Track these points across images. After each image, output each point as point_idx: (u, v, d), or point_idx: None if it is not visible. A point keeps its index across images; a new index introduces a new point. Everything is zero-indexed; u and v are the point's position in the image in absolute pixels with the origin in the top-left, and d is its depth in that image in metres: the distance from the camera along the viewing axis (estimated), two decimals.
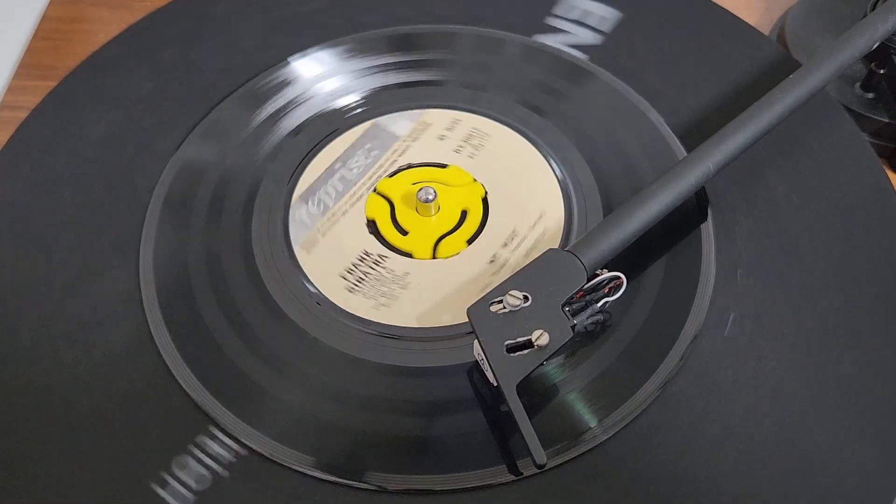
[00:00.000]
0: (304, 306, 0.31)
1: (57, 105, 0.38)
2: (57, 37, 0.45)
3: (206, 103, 0.38)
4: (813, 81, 0.32)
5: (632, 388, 0.28)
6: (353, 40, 0.40)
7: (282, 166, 0.35)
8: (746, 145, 0.31)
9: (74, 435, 0.28)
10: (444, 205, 0.34)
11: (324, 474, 0.27)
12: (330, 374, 0.29)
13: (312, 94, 0.38)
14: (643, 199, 0.29)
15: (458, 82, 0.38)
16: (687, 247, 0.32)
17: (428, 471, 0.27)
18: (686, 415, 0.28)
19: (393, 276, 0.32)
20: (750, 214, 0.33)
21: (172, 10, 0.42)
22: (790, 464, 0.27)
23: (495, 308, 0.27)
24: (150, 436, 0.28)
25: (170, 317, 0.31)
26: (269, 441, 0.27)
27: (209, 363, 0.29)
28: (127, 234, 0.33)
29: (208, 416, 0.28)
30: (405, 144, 0.36)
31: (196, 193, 0.34)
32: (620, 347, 0.29)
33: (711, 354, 0.29)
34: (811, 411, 0.28)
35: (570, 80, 0.38)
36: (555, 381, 0.29)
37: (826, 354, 0.29)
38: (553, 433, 0.27)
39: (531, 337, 0.26)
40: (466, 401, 0.28)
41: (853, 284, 0.31)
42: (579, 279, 0.28)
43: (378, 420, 0.28)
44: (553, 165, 0.35)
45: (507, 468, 0.27)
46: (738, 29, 0.40)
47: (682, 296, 0.31)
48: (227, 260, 0.32)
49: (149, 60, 0.40)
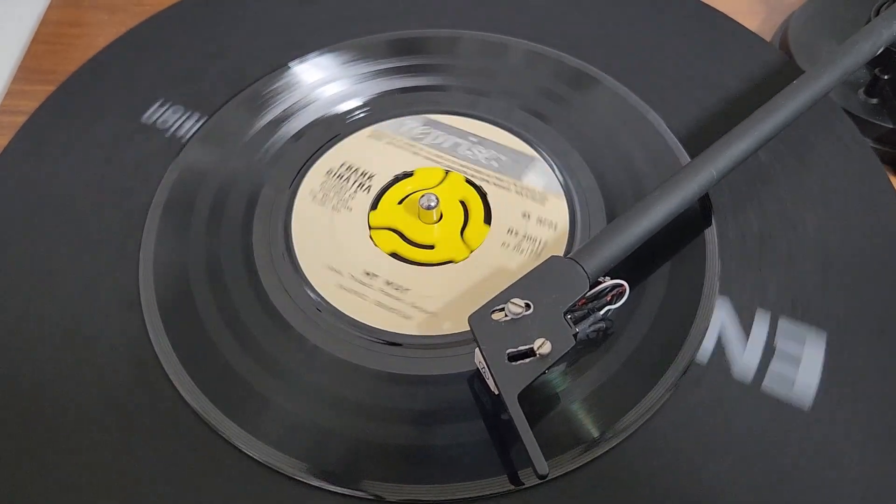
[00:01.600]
0: (304, 312, 0.31)
1: (56, 109, 0.38)
2: (56, 41, 0.45)
3: (207, 108, 0.38)
4: (816, 87, 0.32)
5: (635, 398, 0.28)
6: (353, 45, 0.40)
7: (283, 171, 0.35)
8: (750, 151, 0.31)
9: (71, 439, 0.28)
10: (441, 205, 0.34)
11: (322, 482, 0.27)
12: (329, 381, 0.29)
13: (313, 98, 0.38)
14: (646, 206, 0.29)
15: (460, 87, 0.38)
16: (691, 253, 0.32)
17: (427, 480, 0.27)
18: (690, 424, 0.28)
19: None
20: (754, 221, 0.33)
21: (172, 15, 0.42)
22: (795, 472, 0.27)
23: (497, 316, 0.27)
24: (146, 440, 0.28)
25: (169, 321, 0.30)
26: (266, 448, 0.27)
27: (208, 368, 0.29)
28: (127, 239, 0.33)
29: (206, 423, 0.28)
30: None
31: (196, 198, 0.34)
32: (623, 356, 0.29)
33: (716, 362, 0.29)
34: (818, 418, 0.28)
35: (573, 86, 0.38)
36: (557, 390, 0.28)
37: (832, 360, 0.29)
38: (555, 443, 0.27)
39: (533, 345, 0.26)
40: (467, 410, 0.28)
41: (857, 289, 0.31)
42: (582, 287, 0.28)
43: (377, 428, 0.28)
44: (556, 171, 0.35)
45: (507, 478, 0.26)
46: (741, 35, 0.40)
47: (685, 303, 0.30)
48: (228, 265, 0.32)
49: (149, 64, 0.40)
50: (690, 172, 0.30)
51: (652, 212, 0.29)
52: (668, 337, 0.30)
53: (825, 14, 0.42)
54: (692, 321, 0.30)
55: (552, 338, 0.26)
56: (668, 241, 0.32)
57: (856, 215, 0.33)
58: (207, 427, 0.28)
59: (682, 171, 0.30)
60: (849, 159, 0.35)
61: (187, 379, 0.29)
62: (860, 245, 0.32)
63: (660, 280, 0.31)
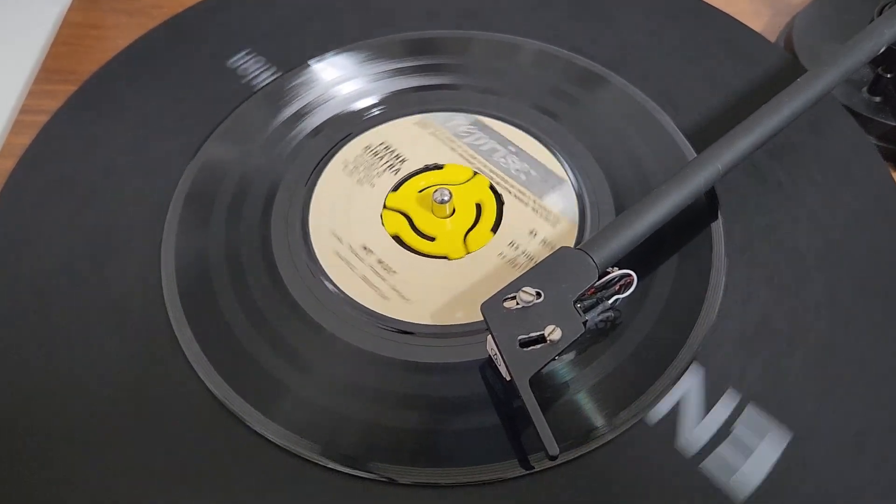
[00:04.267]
0: (321, 303, 0.31)
1: (78, 108, 0.39)
2: (77, 42, 0.46)
3: (227, 105, 0.38)
4: (820, 85, 0.33)
5: (642, 386, 0.29)
6: (370, 45, 0.41)
7: (301, 166, 0.36)
8: (755, 147, 0.32)
9: (92, 427, 0.28)
10: (456, 203, 0.34)
11: (336, 465, 0.27)
12: (345, 369, 0.30)
13: (331, 96, 0.39)
14: (654, 199, 0.30)
15: (472, 87, 0.39)
16: (698, 246, 0.33)
17: (437, 464, 0.27)
18: (697, 414, 0.28)
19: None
20: (759, 214, 0.34)
21: (190, 17, 0.43)
22: (800, 464, 0.27)
23: (509, 304, 0.28)
24: (168, 426, 0.28)
25: (190, 312, 0.31)
26: (283, 431, 0.28)
27: (228, 357, 0.30)
28: (148, 232, 0.34)
29: (226, 408, 0.29)
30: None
31: (217, 193, 0.35)
32: (631, 346, 0.30)
33: (722, 353, 0.30)
34: (824, 410, 0.28)
35: (583, 85, 0.39)
36: (566, 379, 0.29)
37: (839, 354, 0.30)
38: (564, 430, 0.27)
39: (544, 332, 0.27)
40: (478, 396, 0.29)
41: (862, 284, 0.31)
42: (591, 276, 0.28)
43: (390, 414, 0.28)
44: (566, 167, 0.36)
45: (518, 462, 0.27)
46: (747, 36, 0.41)
47: (692, 294, 0.31)
48: (247, 258, 0.33)
49: (169, 64, 0.41)
50: (697, 167, 0.31)
51: (659, 204, 0.30)
52: (676, 327, 0.30)
53: (829, 15, 0.42)
54: (699, 312, 0.30)
55: (562, 325, 0.27)
56: (675, 234, 0.33)
57: (859, 211, 0.33)
58: (226, 411, 0.28)
59: (688, 166, 0.31)
60: (852, 156, 0.35)
61: (208, 366, 0.30)
62: (863, 240, 0.32)
63: (667, 271, 0.32)
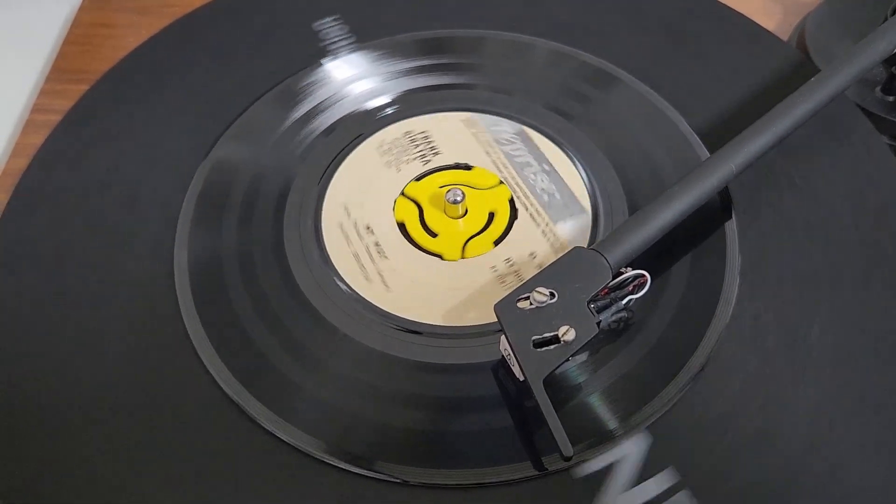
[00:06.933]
0: (333, 303, 0.31)
1: (89, 108, 0.39)
2: (87, 41, 0.46)
3: (239, 104, 0.38)
4: (833, 85, 0.33)
5: (656, 388, 0.29)
6: (384, 43, 0.40)
7: (313, 165, 0.36)
8: (768, 147, 0.31)
9: (104, 423, 0.29)
10: (471, 206, 0.34)
11: (347, 465, 0.27)
12: (357, 369, 0.30)
13: (344, 95, 0.39)
14: (667, 199, 0.30)
15: (485, 86, 0.39)
16: (711, 246, 0.32)
17: (449, 465, 0.27)
18: (710, 416, 0.28)
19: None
20: (773, 215, 0.34)
21: (201, 16, 0.43)
22: (816, 467, 0.27)
23: (522, 304, 0.28)
24: (180, 425, 0.29)
25: (203, 311, 0.31)
26: (295, 430, 0.28)
27: (241, 356, 0.30)
28: (161, 232, 0.34)
29: (238, 407, 0.29)
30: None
31: (229, 192, 0.35)
32: (645, 347, 0.30)
33: (736, 354, 0.30)
34: (838, 414, 0.28)
35: (596, 85, 0.39)
36: (579, 381, 0.29)
37: (853, 357, 0.29)
38: (577, 432, 0.27)
39: (558, 332, 0.27)
40: (490, 397, 0.29)
41: (874, 284, 0.31)
42: (604, 276, 0.28)
43: (402, 414, 0.28)
44: (579, 167, 0.36)
45: (531, 464, 0.27)
46: (759, 35, 0.41)
47: (706, 295, 0.31)
48: (259, 257, 0.33)
49: (181, 62, 0.41)
50: (710, 167, 0.31)
51: (672, 204, 0.30)
52: (690, 328, 0.30)
53: (841, 14, 0.42)
54: (713, 313, 0.30)
55: (576, 325, 0.27)
56: (689, 234, 0.32)
57: (873, 211, 0.33)
58: (238, 410, 0.29)
59: (701, 166, 0.31)
60: (865, 156, 0.35)
61: (221, 365, 0.30)
62: (877, 239, 0.32)
63: (681, 272, 0.32)
